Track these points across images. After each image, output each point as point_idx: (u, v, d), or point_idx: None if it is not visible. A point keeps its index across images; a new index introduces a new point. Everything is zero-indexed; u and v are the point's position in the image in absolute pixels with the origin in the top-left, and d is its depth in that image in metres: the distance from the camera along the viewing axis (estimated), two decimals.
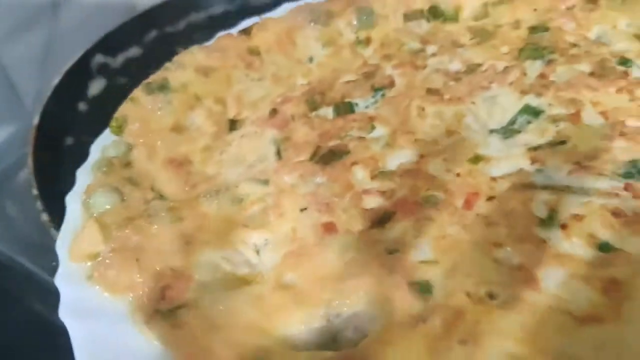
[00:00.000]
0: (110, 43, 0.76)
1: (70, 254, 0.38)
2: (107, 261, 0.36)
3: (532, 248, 0.34)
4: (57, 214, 0.51)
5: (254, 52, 0.55)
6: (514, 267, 0.33)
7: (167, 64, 0.52)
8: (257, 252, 0.38)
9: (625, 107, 0.42)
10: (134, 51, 0.79)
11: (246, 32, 0.57)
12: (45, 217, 0.54)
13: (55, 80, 0.69)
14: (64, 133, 0.67)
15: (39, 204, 0.56)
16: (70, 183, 0.51)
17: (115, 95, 0.65)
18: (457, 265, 0.33)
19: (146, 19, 0.80)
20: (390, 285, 0.33)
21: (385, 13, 0.57)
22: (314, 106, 0.49)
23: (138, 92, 0.49)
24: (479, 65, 0.50)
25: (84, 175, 0.44)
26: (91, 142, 0.52)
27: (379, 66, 0.53)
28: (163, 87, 0.49)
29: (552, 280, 0.32)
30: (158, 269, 0.36)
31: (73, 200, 0.42)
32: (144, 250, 0.37)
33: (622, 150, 0.39)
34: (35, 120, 0.64)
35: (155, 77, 0.50)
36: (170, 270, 0.36)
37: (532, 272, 0.33)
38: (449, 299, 0.32)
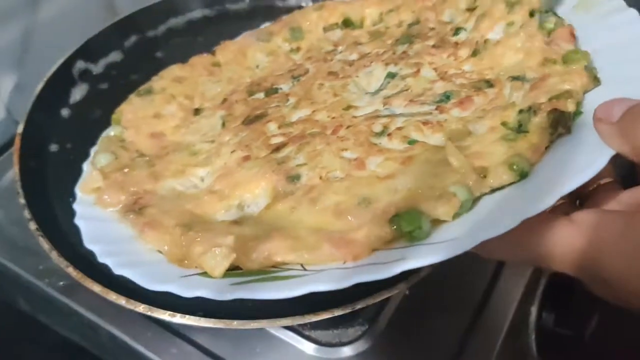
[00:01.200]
0: (91, 49, 0.78)
1: (81, 190, 0.58)
2: (104, 190, 0.56)
3: (366, 148, 0.52)
4: (44, 221, 0.56)
5: (216, 64, 0.76)
6: (352, 159, 0.51)
7: (153, 77, 0.73)
8: (202, 179, 0.58)
9: (450, 64, 0.60)
10: (114, 56, 0.81)
11: (212, 52, 0.78)
12: (33, 225, 0.54)
13: (38, 88, 0.70)
14: (49, 140, 0.68)
15: (26, 213, 0.56)
16: (56, 190, 0.60)
17: (97, 101, 0.73)
18: (317, 163, 0.52)
19: (126, 23, 0.82)
20: (276, 180, 0.52)
21: (310, 28, 0.78)
22: (251, 93, 0.68)
23: (132, 96, 0.70)
24: (368, 53, 0.69)
25: (94, 149, 0.65)
26: (75, 148, 0.62)
27: (302, 65, 0.72)
28: (148, 91, 0.70)
29: (373, 164, 0.50)
30: (134, 189, 0.55)
31: (86, 164, 0.63)
32: (126, 182, 0.57)
33: (440, 87, 0.57)
34: (20, 128, 0.65)
35: (144, 86, 0.72)
36: (143, 190, 0.56)
37: (364, 161, 0.50)
38: (309, 181, 0.50)
